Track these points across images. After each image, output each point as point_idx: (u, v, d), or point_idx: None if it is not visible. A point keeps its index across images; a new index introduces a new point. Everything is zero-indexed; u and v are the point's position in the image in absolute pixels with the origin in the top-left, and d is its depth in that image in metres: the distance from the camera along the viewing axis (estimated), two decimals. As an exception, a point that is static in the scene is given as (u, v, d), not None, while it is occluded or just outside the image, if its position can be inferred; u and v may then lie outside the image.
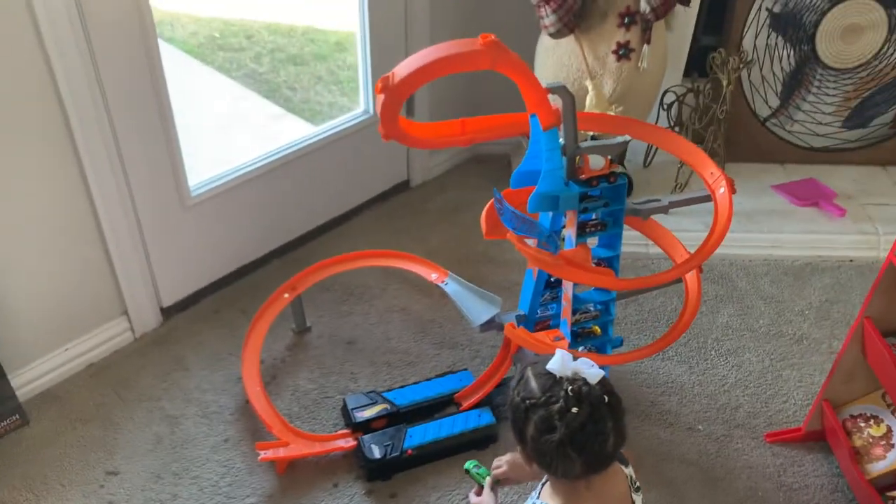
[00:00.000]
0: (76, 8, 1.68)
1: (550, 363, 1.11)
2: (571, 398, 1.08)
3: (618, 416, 1.12)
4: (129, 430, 1.90)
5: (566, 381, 1.10)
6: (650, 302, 2.27)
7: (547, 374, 1.11)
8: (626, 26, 2.19)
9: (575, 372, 1.11)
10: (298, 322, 2.16)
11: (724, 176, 1.64)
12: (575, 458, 1.10)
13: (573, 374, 1.10)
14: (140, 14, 1.80)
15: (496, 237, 1.69)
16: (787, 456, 1.87)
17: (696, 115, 2.54)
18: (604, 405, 1.09)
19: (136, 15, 1.80)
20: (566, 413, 1.08)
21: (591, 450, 1.11)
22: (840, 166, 2.75)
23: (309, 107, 3.31)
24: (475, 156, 2.90)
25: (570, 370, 1.11)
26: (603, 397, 1.10)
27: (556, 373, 1.11)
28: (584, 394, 1.08)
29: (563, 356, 1.12)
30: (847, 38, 2.57)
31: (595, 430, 1.09)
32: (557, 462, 1.12)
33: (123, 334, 2.11)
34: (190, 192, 2.10)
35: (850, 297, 2.31)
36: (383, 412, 1.87)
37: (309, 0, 3.86)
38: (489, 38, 1.37)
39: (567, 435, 1.08)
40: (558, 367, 1.11)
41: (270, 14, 3.83)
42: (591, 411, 1.08)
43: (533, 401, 1.10)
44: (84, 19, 1.71)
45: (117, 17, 1.77)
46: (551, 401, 1.09)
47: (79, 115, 1.76)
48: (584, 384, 1.09)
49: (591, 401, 1.08)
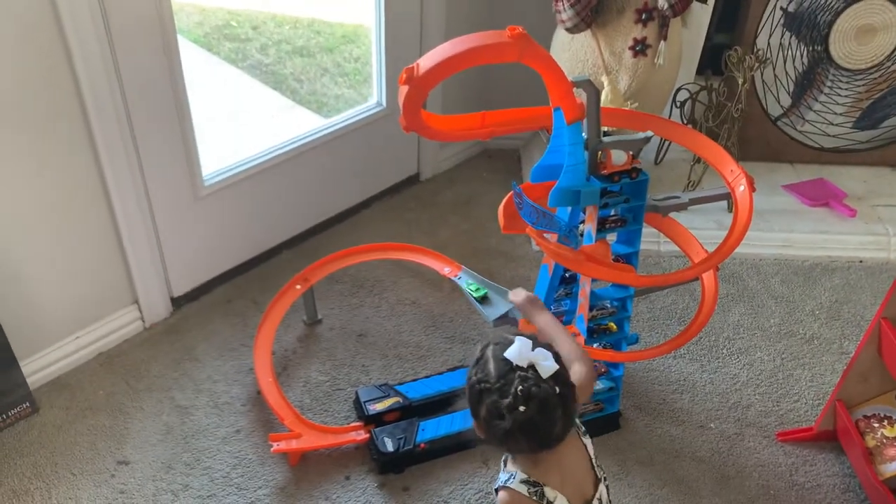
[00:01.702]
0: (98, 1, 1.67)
1: (509, 350, 1.13)
2: (520, 398, 1.10)
3: (567, 403, 1.15)
4: (140, 420, 1.89)
5: (519, 373, 1.12)
6: (662, 300, 2.27)
7: (504, 360, 1.13)
8: (644, 22, 2.18)
9: (530, 363, 1.12)
10: (310, 314, 2.15)
11: (744, 174, 1.63)
12: (522, 441, 1.14)
13: (528, 365, 1.12)
14: (159, 4, 1.79)
15: (514, 231, 1.68)
16: (799, 455, 1.87)
17: (710, 113, 2.53)
18: (554, 396, 1.12)
19: (155, 5, 1.78)
20: (514, 409, 1.11)
21: (539, 434, 1.15)
22: (850, 167, 2.75)
23: (316, 98, 3.29)
24: (485, 150, 2.89)
25: (526, 360, 1.13)
26: (554, 390, 1.12)
27: (513, 361, 1.12)
28: (532, 394, 1.10)
29: (522, 345, 1.14)
30: (861, 39, 2.56)
31: (543, 419, 1.13)
32: (507, 443, 1.16)
33: (134, 323, 2.10)
34: (203, 182, 2.09)
35: (861, 298, 2.31)
36: (396, 405, 1.86)
37: (316, -8, 3.84)
38: (517, 30, 1.36)
39: (514, 425, 1.12)
40: (515, 357, 1.13)
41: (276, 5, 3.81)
42: (540, 407, 1.11)
43: (487, 385, 1.13)
44: (104, 9, 1.70)
45: (137, 7, 1.75)
46: (504, 391, 1.11)
47: (96, 104, 1.75)
48: (535, 384, 1.11)
49: (539, 398, 1.11)
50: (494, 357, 1.15)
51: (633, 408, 1.96)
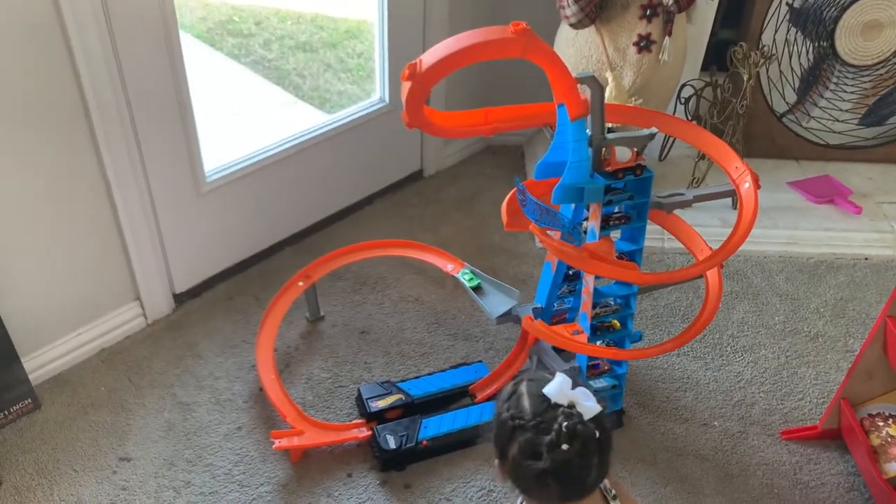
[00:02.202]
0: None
1: (548, 387, 1.06)
2: (564, 434, 1.03)
3: (604, 451, 1.07)
4: (142, 417, 1.89)
5: (561, 410, 1.04)
6: (665, 297, 2.26)
7: (541, 397, 1.06)
8: (648, 18, 2.17)
9: (571, 402, 1.05)
10: (312, 310, 2.15)
11: (749, 170, 1.62)
12: (553, 487, 1.06)
13: (569, 404, 1.05)
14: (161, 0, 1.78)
15: (517, 228, 1.67)
16: (803, 453, 1.86)
17: (715, 109, 2.52)
18: (594, 441, 1.04)
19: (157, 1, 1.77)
20: (555, 448, 1.03)
21: (572, 482, 1.07)
22: (856, 164, 2.74)
23: (319, 94, 3.28)
24: (489, 146, 2.88)
25: (567, 399, 1.05)
26: (595, 433, 1.05)
27: (552, 398, 1.05)
28: (578, 432, 1.03)
29: (563, 382, 1.06)
30: (867, 35, 2.55)
31: (581, 463, 1.05)
32: (534, 488, 1.08)
33: (136, 320, 2.09)
34: (205, 178, 2.08)
35: (866, 296, 2.30)
36: (398, 402, 1.86)
37: (318, -13, 3.83)
38: (521, 25, 1.35)
39: (551, 467, 1.04)
40: (555, 394, 1.05)
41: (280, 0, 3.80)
42: (581, 448, 1.04)
43: (522, 422, 1.05)
44: (106, 6, 1.69)
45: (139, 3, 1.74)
46: (541, 428, 1.04)
47: (97, 101, 1.75)
48: (580, 422, 1.04)
49: (584, 438, 1.03)
50: (530, 393, 1.07)
51: (637, 406, 1.95)
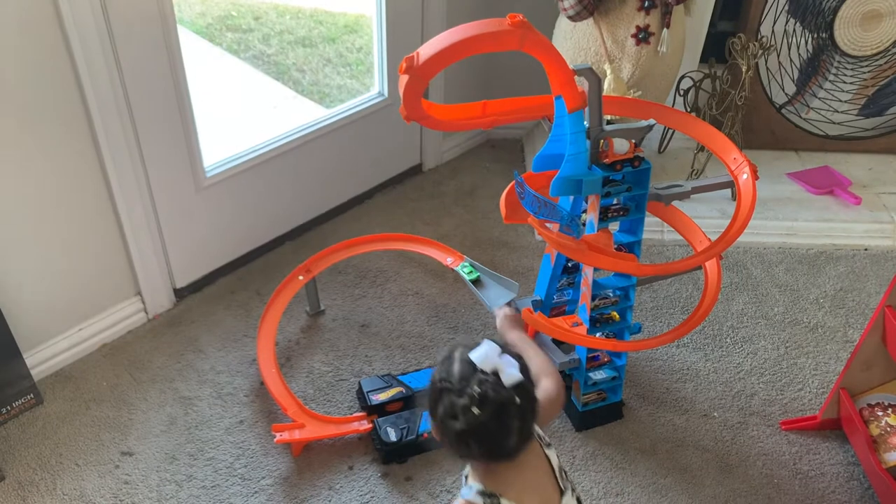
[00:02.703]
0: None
1: (474, 353, 1.13)
2: (476, 399, 1.10)
3: (526, 416, 1.14)
4: (143, 411, 1.90)
5: (480, 376, 1.11)
6: (665, 289, 2.26)
7: (469, 364, 1.13)
8: (646, 10, 2.17)
9: (495, 369, 1.12)
10: (313, 304, 2.15)
11: (747, 161, 1.62)
12: (474, 446, 1.13)
13: (492, 370, 1.11)
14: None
15: (515, 221, 1.68)
16: (803, 444, 1.87)
17: (714, 101, 2.52)
18: (513, 405, 1.11)
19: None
20: (468, 411, 1.10)
21: (491, 443, 1.13)
22: (855, 154, 2.74)
23: (318, 89, 3.28)
24: (488, 140, 2.88)
25: (492, 366, 1.12)
26: (514, 399, 1.11)
27: (477, 364, 1.12)
28: (489, 398, 1.10)
29: (489, 350, 1.13)
30: (866, 25, 2.54)
31: (497, 426, 1.12)
32: (457, 446, 1.15)
33: (137, 315, 2.10)
34: (205, 173, 2.08)
35: (865, 286, 2.30)
36: (398, 395, 1.87)
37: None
38: (517, 17, 1.35)
39: (468, 429, 1.11)
40: (480, 360, 1.12)
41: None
42: (495, 412, 1.10)
43: (447, 385, 1.13)
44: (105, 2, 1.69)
45: None
46: (462, 391, 1.11)
47: (96, 97, 1.75)
48: (494, 388, 1.10)
49: (497, 403, 1.10)
50: (460, 359, 1.15)
51: (637, 397, 1.96)
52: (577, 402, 1.86)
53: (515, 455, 1.16)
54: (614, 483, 1.77)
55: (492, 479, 1.19)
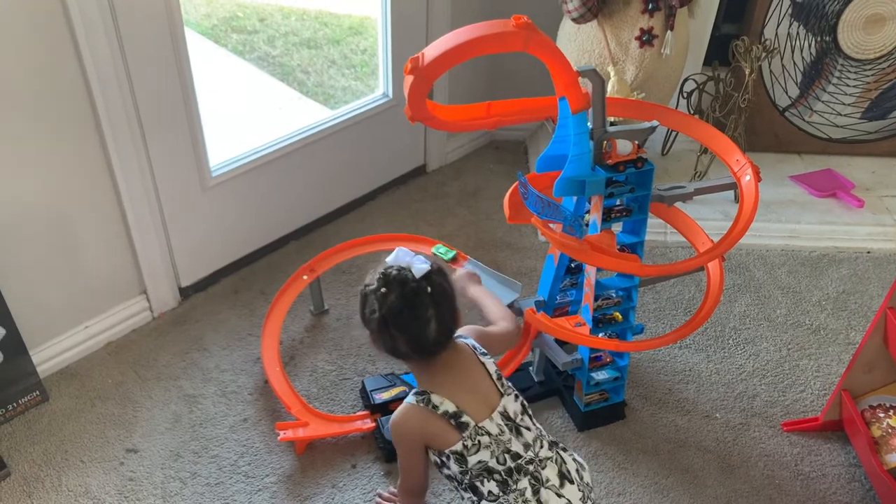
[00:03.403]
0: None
1: (388, 256, 1.32)
2: (380, 279, 1.28)
3: (441, 304, 1.30)
4: (148, 409, 1.91)
5: (389, 266, 1.30)
6: (668, 290, 2.27)
7: (384, 266, 1.32)
8: (650, 13, 2.18)
9: (407, 265, 1.29)
10: (317, 304, 2.16)
11: (749, 163, 1.63)
12: (397, 336, 1.30)
13: (404, 266, 1.30)
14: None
15: (519, 222, 1.68)
16: (805, 445, 1.87)
17: (717, 103, 2.53)
18: (424, 294, 1.27)
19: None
20: (378, 292, 1.28)
21: (412, 332, 1.30)
22: (858, 157, 2.75)
23: (323, 90, 3.30)
24: (492, 141, 2.89)
25: (403, 263, 1.30)
26: (424, 287, 1.27)
27: (391, 264, 1.30)
28: (392, 278, 1.28)
29: (398, 252, 1.32)
30: (869, 29, 2.55)
31: (413, 315, 1.28)
32: (385, 341, 1.32)
33: (142, 313, 2.11)
34: (211, 172, 2.10)
35: (868, 289, 2.30)
36: (402, 394, 1.87)
37: (322, -17, 3.85)
38: (522, 19, 1.36)
39: (384, 314, 1.28)
40: (392, 260, 1.31)
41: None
42: (405, 294, 1.27)
43: (366, 288, 1.33)
44: (112, 3, 1.71)
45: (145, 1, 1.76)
46: (374, 283, 1.31)
47: (104, 97, 1.76)
48: (399, 272, 1.28)
49: (402, 284, 1.27)
50: (375, 270, 1.34)
51: (639, 398, 1.97)
52: (579, 402, 1.87)
53: (439, 349, 1.32)
54: (616, 483, 1.77)
55: (426, 381, 1.36)
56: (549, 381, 1.97)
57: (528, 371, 1.99)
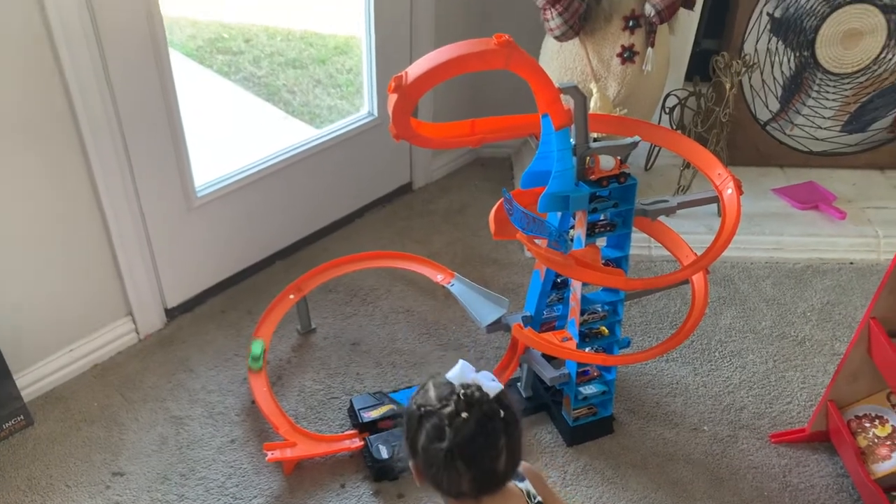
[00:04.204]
0: (88, 14, 1.69)
1: (450, 372, 1.10)
2: (462, 402, 1.05)
3: (512, 433, 1.09)
4: (135, 431, 1.90)
5: (461, 387, 1.07)
6: (654, 304, 2.28)
7: (447, 384, 1.09)
8: (631, 30, 2.20)
9: (473, 382, 1.08)
10: (304, 323, 2.16)
11: (731, 177, 1.65)
12: (463, 471, 1.07)
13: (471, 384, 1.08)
14: (151, 18, 1.80)
15: (505, 237, 1.69)
16: (792, 456, 1.88)
17: (699, 118, 2.55)
18: (498, 420, 1.07)
19: (146, 19, 1.80)
20: (455, 417, 1.05)
21: (480, 465, 1.07)
22: (839, 170, 2.78)
23: (309, 110, 3.31)
24: (477, 158, 2.91)
25: (469, 381, 1.09)
26: (498, 411, 1.07)
27: (454, 382, 1.08)
28: (474, 399, 1.06)
29: (463, 367, 1.10)
30: (846, 43, 2.59)
31: (486, 443, 1.07)
32: (444, 475, 1.08)
33: (128, 335, 2.10)
34: (196, 193, 2.10)
35: (852, 300, 2.32)
36: (390, 413, 1.87)
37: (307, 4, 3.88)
38: (503, 37, 1.38)
39: (456, 444, 1.05)
40: (457, 377, 1.09)
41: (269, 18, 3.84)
42: (481, 420, 1.05)
43: (428, 408, 1.08)
44: (96, 25, 1.71)
45: (128, 22, 1.77)
46: (446, 405, 1.06)
47: (88, 118, 1.77)
48: (478, 390, 1.07)
49: (482, 409, 1.06)
50: (436, 384, 1.10)
51: (627, 411, 1.97)
52: (567, 417, 1.87)
53: (504, 483, 1.11)
54: (606, 498, 1.77)
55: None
56: (538, 397, 1.97)
57: (517, 387, 1.99)
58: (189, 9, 3.79)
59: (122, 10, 1.75)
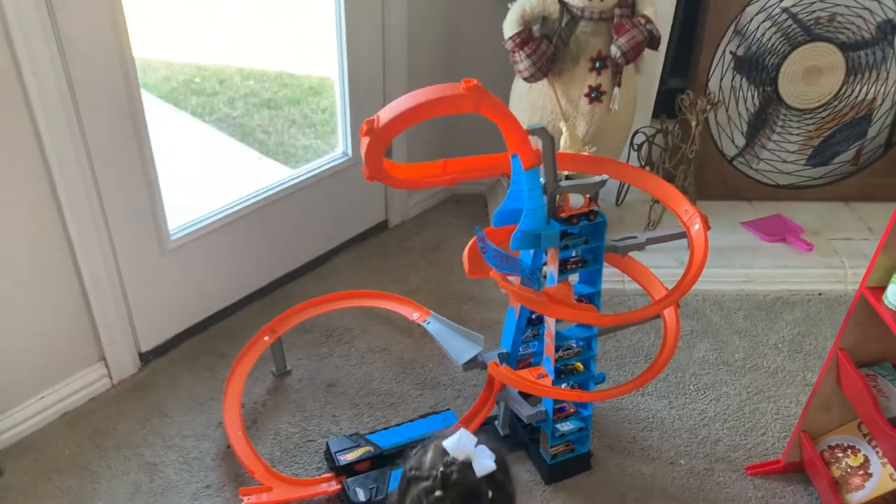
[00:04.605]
0: (59, 57, 1.70)
1: (447, 440, 1.06)
2: (438, 480, 1.02)
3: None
4: (107, 480, 1.86)
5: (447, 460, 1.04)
6: (628, 338, 2.30)
7: (442, 451, 1.06)
8: (598, 70, 2.26)
9: (468, 457, 1.04)
10: (279, 365, 2.15)
11: (698, 213, 1.68)
12: None
13: (464, 458, 1.04)
14: (123, 60, 1.82)
15: (479, 275, 1.71)
16: (768, 488, 1.89)
17: (666, 154, 2.61)
18: (484, 498, 1.03)
19: (118, 61, 1.81)
20: (430, 494, 1.02)
21: None
22: (805, 203, 2.84)
23: (284, 150, 3.33)
24: (452, 196, 2.93)
25: (465, 454, 1.05)
26: (485, 493, 1.03)
27: (449, 451, 1.05)
28: (452, 480, 1.02)
29: (461, 437, 1.06)
30: (808, 80, 2.67)
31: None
32: None
33: (101, 381, 2.07)
34: (170, 236, 2.09)
35: (821, 330, 2.36)
36: (367, 455, 1.86)
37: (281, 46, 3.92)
38: (472, 82, 1.41)
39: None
40: (452, 447, 1.05)
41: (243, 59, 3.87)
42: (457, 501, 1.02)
43: (416, 473, 1.06)
44: (67, 69, 1.72)
45: (100, 64, 1.78)
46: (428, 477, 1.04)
47: (59, 162, 1.76)
48: (461, 472, 1.03)
49: (462, 488, 1.02)
50: (434, 447, 1.08)
51: (604, 447, 1.97)
52: (545, 454, 1.87)
53: None
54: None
55: None
56: (515, 435, 1.97)
57: (494, 425, 1.99)
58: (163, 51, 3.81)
59: (94, 51, 1.76)
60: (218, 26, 3.86)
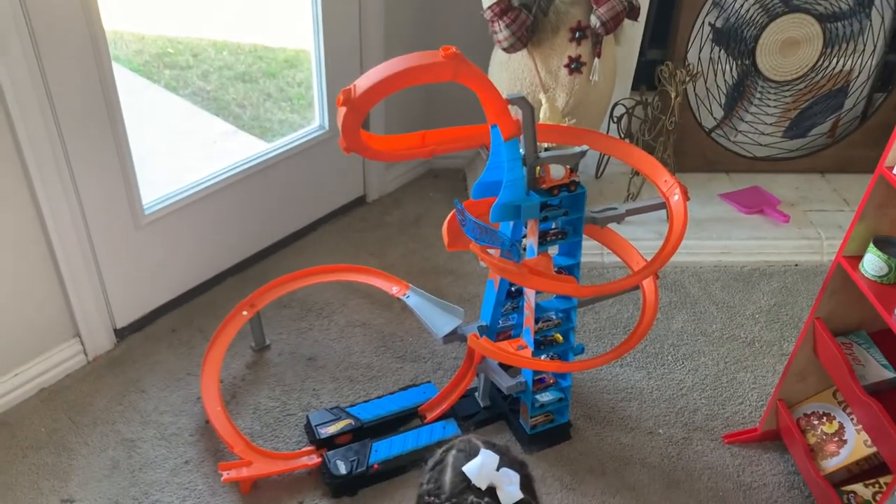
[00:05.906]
0: (27, 29, 1.65)
1: (469, 465, 1.00)
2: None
3: None
4: (84, 456, 1.85)
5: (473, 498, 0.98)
6: (607, 310, 2.31)
7: (462, 475, 1.00)
8: (577, 41, 2.24)
9: (491, 484, 0.99)
10: (258, 340, 2.13)
11: (677, 183, 1.68)
12: None
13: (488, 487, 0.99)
14: (93, 31, 1.77)
15: (458, 248, 1.71)
16: (745, 456, 1.92)
17: (646, 126, 2.60)
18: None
19: (88, 34, 1.76)
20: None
21: None
22: (782, 174, 2.86)
23: (259, 124, 3.28)
24: (431, 170, 2.91)
25: (488, 482, 0.99)
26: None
27: (471, 478, 0.99)
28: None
29: (485, 462, 1.00)
30: (785, 52, 2.67)
31: None
32: None
33: (76, 357, 2.05)
34: (143, 210, 2.06)
35: (798, 300, 2.39)
36: (347, 427, 1.86)
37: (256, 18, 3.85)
38: (450, 49, 1.39)
39: None
40: (475, 475, 0.99)
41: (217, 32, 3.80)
42: None
43: (435, 500, 1.01)
44: (35, 40, 1.68)
45: (69, 36, 1.73)
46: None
47: (28, 136, 1.72)
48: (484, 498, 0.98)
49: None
50: (454, 466, 1.02)
51: (583, 417, 1.99)
52: (525, 425, 1.88)
53: None
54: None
55: None
56: (495, 406, 1.98)
57: (474, 397, 2.00)
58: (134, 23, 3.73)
59: (63, 22, 1.71)
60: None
